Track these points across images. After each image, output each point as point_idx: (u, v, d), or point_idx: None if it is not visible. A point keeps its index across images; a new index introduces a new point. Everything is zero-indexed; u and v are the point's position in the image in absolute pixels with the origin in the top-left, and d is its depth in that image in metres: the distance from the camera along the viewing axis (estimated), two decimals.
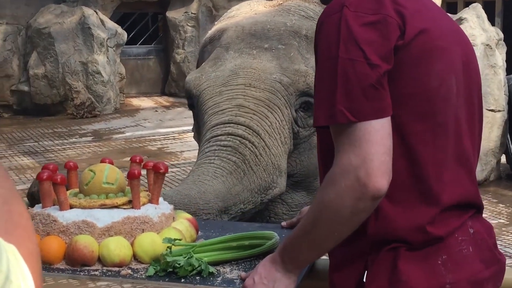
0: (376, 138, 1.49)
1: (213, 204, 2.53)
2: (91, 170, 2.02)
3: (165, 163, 2.08)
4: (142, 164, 2.15)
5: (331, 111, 1.51)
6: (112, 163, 2.16)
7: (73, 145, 10.09)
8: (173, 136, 10.49)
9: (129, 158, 2.17)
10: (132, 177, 1.94)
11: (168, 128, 11.09)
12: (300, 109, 2.87)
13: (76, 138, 10.65)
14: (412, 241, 1.58)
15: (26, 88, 12.49)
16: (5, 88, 12.50)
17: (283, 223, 2.24)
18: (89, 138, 10.60)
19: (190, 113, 3.30)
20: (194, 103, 3.06)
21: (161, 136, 10.60)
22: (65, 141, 10.43)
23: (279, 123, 2.84)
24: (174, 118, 11.98)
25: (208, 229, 2.21)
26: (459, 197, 1.63)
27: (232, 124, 2.78)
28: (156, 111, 12.88)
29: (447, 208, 1.60)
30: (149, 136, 10.63)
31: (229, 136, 2.75)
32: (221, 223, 2.40)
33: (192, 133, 3.46)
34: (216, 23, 3.53)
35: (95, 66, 12.36)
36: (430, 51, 1.58)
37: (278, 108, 2.85)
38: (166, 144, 10.04)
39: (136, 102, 13.75)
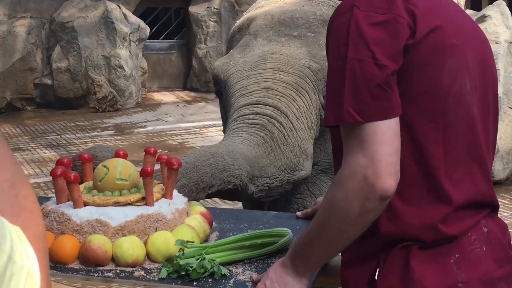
0: (383, 139, 1.48)
1: (242, 162, 2.50)
2: (105, 166, 2.02)
3: (179, 158, 2.08)
4: (156, 156, 2.15)
5: (339, 111, 1.51)
6: (126, 155, 2.16)
7: (94, 139, 10.15)
8: (194, 131, 10.51)
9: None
10: (145, 174, 1.94)
11: (189, 123, 11.11)
12: None
13: (97, 131, 10.72)
14: (424, 239, 1.57)
15: (49, 82, 12.58)
16: (28, 81, 12.60)
17: (298, 213, 2.25)
18: (111, 132, 10.66)
19: (212, 107, 3.32)
20: (221, 88, 3.06)
21: (182, 131, 10.62)
22: (87, 134, 10.49)
23: (306, 108, 2.84)
24: (195, 113, 11.99)
25: (223, 219, 2.21)
26: (472, 196, 1.62)
27: (260, 105, 2.79)
28: (178, 105, 12.91)
29: (460, 207, 1.59)
30: (170, 131, 10.65)
31: (257, 115, 2.76)
32: (236, 212, 2.40)
33: (213, 128, 3.48)
34: (245, 13, 3.54)
35: (118, 60, 12.42)
36: (442, 49, 1.56)
37: (306, 93, 2.85)
38: (187, 138, 10.06)
39: (158, 96, 13.80)
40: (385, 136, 1.49)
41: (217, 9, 13.96)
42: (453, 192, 1.58)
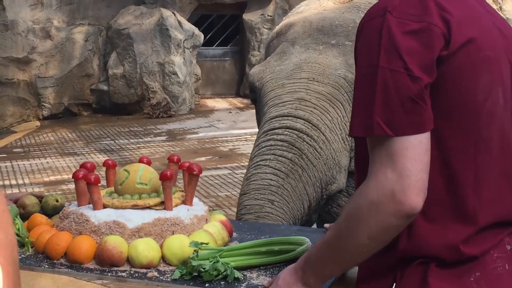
0: (413, 154, 1.41)
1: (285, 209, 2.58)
2: (126, 170, 2.04)
3: (199, 164, 2.08)
4: (179, 163, 2.16)
5: (368, 122, 1.44)
6: (149, 162, 2.17)
7: (147, 144, 10.28)
8: (245, 138, 10.53)
9: (202, 158, 2.17)
10: (164, 178, 1.95)
11: (241, 130, 11.15)
12: None
13: (150, 137, 10.85)
14: (444, 258, 1.50)
15: (105, 88, 12.82)
16: (85, 87, 12.88)
17: (326, 225, 2.19)
18: (163, 138, 10.78)
19: None
20: (256, 96, 3.05)
21: (233, 137, 10.66)
22: (140, 140, 10.64)
23: (340, 119, 2.80)
24: (247, 119, 12.02)
25: (245, 230, 2.19)
26: (499, 215, 1.54)
27: (291, 117, 2.76)
28: (230, 112, 12.98)
29: (486, 227, 1.51)
30: (221, 137, 10.71)
31: (287, 130, 2.73)
32: (259, 225, 2.37)
33: None
34: (284, 18, 3.52)
35: (172, 67, 12.57)
36: (476, 62, 1.48)
37: (340, 104, 2.81)
38: (238, 145, 10.08)
39: (211, 103, 13.90)
40: (416, 151, 1.42)
41: (271, 16, 13.99)
42: (479, 213, 1.50)
